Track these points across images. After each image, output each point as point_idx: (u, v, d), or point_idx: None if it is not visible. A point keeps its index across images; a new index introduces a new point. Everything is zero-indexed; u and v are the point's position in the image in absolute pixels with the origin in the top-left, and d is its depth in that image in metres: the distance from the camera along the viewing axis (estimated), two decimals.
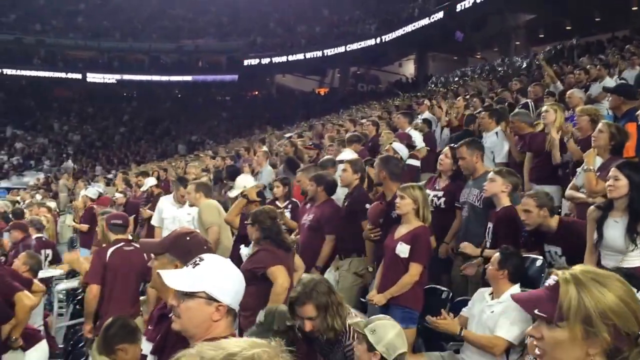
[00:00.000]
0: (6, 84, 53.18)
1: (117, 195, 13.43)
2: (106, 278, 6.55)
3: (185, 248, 3.63)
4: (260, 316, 4.68)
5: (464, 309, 5.46)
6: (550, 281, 2.10)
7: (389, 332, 3.99)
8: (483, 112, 9.99)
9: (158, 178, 14.78)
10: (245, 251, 6.45)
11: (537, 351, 2.10)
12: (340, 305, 4.44)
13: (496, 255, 5.33)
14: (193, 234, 3.81)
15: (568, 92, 10.16)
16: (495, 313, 5.09)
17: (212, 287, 2.76)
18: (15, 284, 6.04)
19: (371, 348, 3.95)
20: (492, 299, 5.29)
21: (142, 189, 13.26)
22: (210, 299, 2.76)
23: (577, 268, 2.11)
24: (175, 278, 2.87)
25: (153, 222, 10.25)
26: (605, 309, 1.97)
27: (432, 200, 6.99)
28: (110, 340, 4.25)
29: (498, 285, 5.26)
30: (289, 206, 8.59)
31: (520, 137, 8.52)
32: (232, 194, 7.96)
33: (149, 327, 3.90)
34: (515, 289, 5.25)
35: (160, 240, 3.87)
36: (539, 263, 5.65)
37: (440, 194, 7.07)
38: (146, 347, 3.71)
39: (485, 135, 9.51)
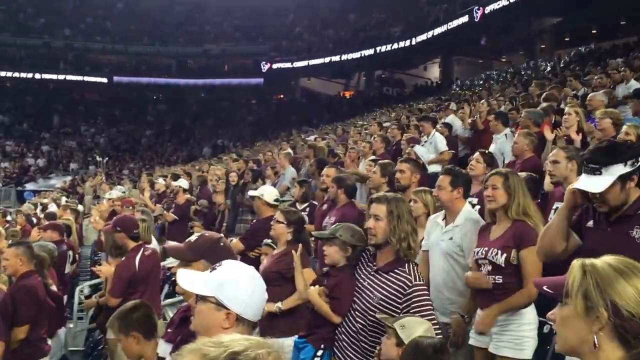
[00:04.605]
0: (34, 87, 53.80)
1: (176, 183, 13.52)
2: (137, 286, 6.48)
3: (223, 254, 3.64)
4: None
5: (423, 243, 5.47)
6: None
7: (418, 328, 3.96)
8: (491, 116, 10.55)
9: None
10: None
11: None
12: (415, 233, 4.38)
13: (444, 177, 5.46)
14: (224, 239, 3.82)
15: (589, 96, 10.12)
16: (455, 239, 5.32)
17: (223, 294, 2.72)
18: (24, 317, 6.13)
19: (401, 343, 3.92)
20: (447, 223, 5.45)
21: (174, 184, 13.39)
22: (220, 305, 2.72)
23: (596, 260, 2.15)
24: (190, 280, 2.87)
25: None
26: (604, 285, 2.01)
27: None
28: (129, 322, 4.20)
29: (454, 206, 5.43)
30: (307, 209, 8.56)
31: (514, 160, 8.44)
32: (251, 192, 7.94)
33: (169, 330, 3.90)
34: (468, 206, 5.55)
35: (187, 245, 3.73)
36: None
37: (475, 200, 6.71)
38: (164, 348, 3.71)
39: (495, 137, 10.02)
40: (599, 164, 3.64)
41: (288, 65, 52.56)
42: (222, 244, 3.70)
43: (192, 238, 3.75)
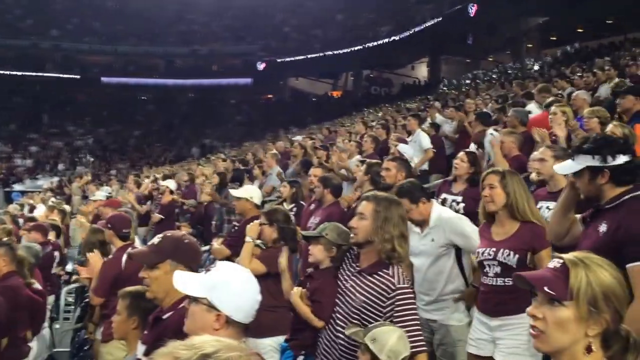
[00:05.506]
0: (23, 88, 53.54)
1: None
2: (123, 286, 6.41)
3: (188, 252, 3.64)
4: None
5: None
6: (555, 263, 2.20)
7: (390, 338, 3.84)
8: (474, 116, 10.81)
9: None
10: None
11: (532, 331, 2.18)
12: (404, 238, 4.20)
13: (403, 201, 5.29)
14: (187, 237, 3.79)
15: (573, 94, 10.18)
16: (437, 240, 5.34)
17: (214, 296, 2.73)
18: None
19: (374, 357, 3.81)
20: (422, 230, 5.46)
21: (162, 184, 13.42)
22: (211, 307, 2.73)
23: (575, 253, 2.22)
24: (184, 281, 2.88)
25: None
26: (608, 291, 2.09)
27: (451, 205, 6.81)
28: (139, 306, 4.17)
29: (421, 214, 5.42)
30: (294, 209, 8.56)
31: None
32: (236, 193, 7.90)
33: (144, 332, 3.88)
34: (435, 205, 5.54)
35: (151, 248, 3.69)
36: None
37: (459, 198, 6.81)
38: (140, 349, 3.69)
39: None
40: (573, 151, 3.93)
41: (276, 65, 52.54)
42: (186, 241, 3.69)
43: (155, 240, 3.71)
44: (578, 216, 4.09)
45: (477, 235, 5.21)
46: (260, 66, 53.32)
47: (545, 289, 2.13)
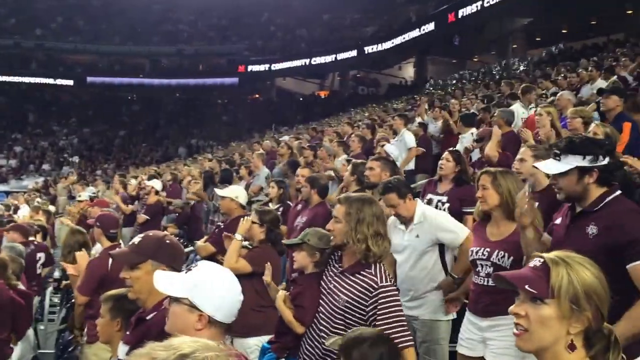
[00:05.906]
0: (6, 88, 53.22)
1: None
2: (110, 286, 6.36)
3: (170, 252, 3.61)
4: None
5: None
6: (536, 262, 2.22)
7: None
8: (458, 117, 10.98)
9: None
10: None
11: (516, 330, 2.20)
12: (380, 236, 4.20)
13: (390, 196, 5.51)
14: (169, 237, 3.76)
15: (557, 95, 10.25)
16: (421, 237, 5.46)
17: (196, 295, 2.70)
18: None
19: None
20: (407, 226, 5.55)
21: (148, 184, 13.38)
22: (193, 307, 2.70)
23: (556, 252, 2.24)
24: (165, 281, 2.86)
25: None
26: (589, 290, 2.11)
27: (437, 205, 6.82)
28: (122, 308, 4.13)
29: (407, 210, 5.53)
30: (281, 209, 8.55)
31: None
32: (221, 192, 7.88)
33: (127, 332, 3.86)
34: (421, 203, 5.67)
35: (131, 248, 3.65)
36: None
37: (445, 198, 6.83)
38: (122, 350, 3.68)
39: (461, 137, 10.53)
40: (560, 151, 3.91)
41: (263, 65, 52.48)
42: (167, 241, 3.66)
43: (136, 240, 3.69)
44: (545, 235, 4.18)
45: (462, 230, 5.37)
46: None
47: (527, 287, 2.15)
